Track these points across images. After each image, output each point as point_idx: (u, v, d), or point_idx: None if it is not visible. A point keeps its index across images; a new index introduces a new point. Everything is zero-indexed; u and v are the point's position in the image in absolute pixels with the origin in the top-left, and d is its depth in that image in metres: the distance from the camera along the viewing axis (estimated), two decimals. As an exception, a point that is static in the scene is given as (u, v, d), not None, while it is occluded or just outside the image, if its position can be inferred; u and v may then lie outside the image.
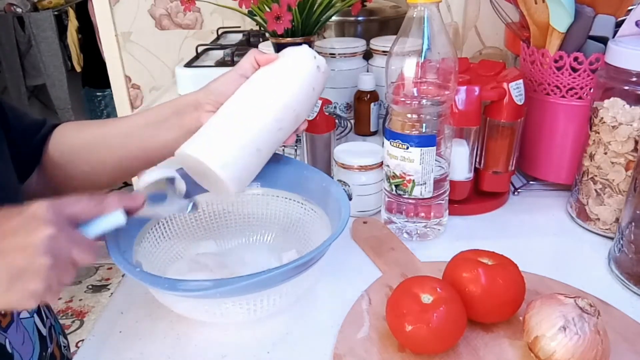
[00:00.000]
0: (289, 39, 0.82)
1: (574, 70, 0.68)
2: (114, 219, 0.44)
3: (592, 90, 0.68)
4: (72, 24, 2.62)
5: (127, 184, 2.46)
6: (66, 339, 0.70)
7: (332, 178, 0.70)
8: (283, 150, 0.89)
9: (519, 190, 0.79)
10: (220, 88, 0.57)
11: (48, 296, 0.39)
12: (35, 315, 0.60)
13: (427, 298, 0.47)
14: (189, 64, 1.15)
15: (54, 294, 0.40)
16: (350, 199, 0.70)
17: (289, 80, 0.55)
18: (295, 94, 0.54)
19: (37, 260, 0.37)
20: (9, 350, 0.54)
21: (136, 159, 0.61)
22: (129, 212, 0.46)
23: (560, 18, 0.65)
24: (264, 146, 0.53)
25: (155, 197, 0.50)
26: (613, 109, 0.61)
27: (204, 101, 0.57)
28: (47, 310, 0.65)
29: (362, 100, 0.94)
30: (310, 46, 0.86)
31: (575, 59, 0.67)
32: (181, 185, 0.52)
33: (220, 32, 1.44)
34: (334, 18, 1.02)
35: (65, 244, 0.39)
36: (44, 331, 0.62)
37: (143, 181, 0.49)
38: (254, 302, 0.49)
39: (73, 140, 0.64)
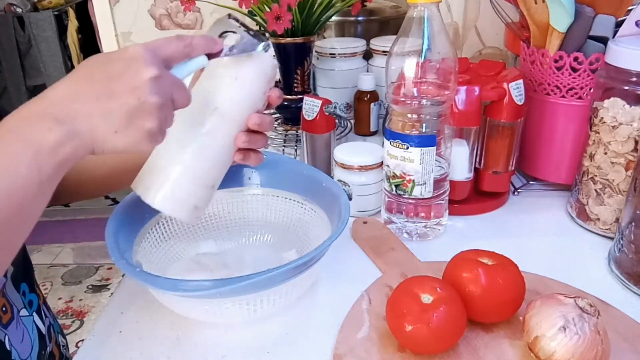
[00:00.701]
0: (289, 39, 0.82)
1: (574, 70, 0.68)
2: (199, 62, 0.45)
3: (592, 90, 0.68)
4: (72, 24, 2.62)
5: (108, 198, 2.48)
6: (65, 338, 0.70)
7: (332, 178, 0.70)
8: (283, 150, 0.89)
9: (519, 190, 0.79)
10: None
11: (160, 137, 0.41)
12: (34, 313, 0.61)
13: (427, 298, 0.47)
14: (189, 64, 1.15)
15: (163, 135, 0.42)
16: (350, 199, 0.70)
17: (207, 78, 0.51)
18: (211, 90, 0.50)
19: (148, 100, 0.39)
20: (8, 347, 0.54)
21: (126, 171, 0.60)
22: (209, 55, 0.46)
23: (560, 18, 0.65)
24: (198, 163, 0.49)
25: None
26: (613, 109, 0.61)
27: None
28: (46, 309, 0.65)
29: (362, 100, 0.94)
30: (310, 46, 0.86)
31: (575, 59, 0.67)
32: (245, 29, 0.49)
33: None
34: (334, 18, 1.02)
35: (167, 84, 0.41)
36: (43, 330, 0.62)
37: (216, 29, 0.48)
38: (254, 302, 0.49)
39: None
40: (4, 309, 0.54)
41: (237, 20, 0.48)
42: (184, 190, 0.48)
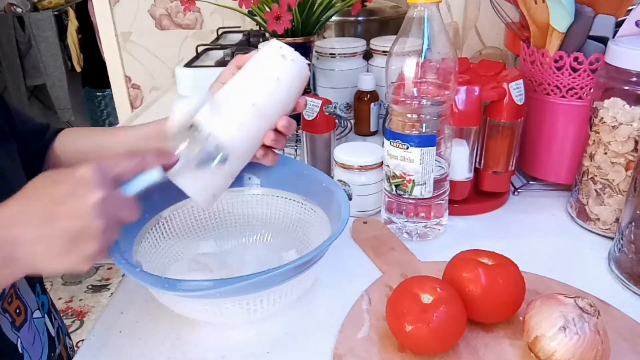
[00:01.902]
0: (289, 39, 0.82)
1: (574, 70, 0.68)
2: (152, 176, 0.45)
3: (592, 90, 0.68)
4: (72, 24, 2.62)
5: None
6: (71, 340, 0.71)
7: (332, 178, 0.70)
8: (283, 150, 0.89)
9: (519, 190, 0.79)
10: None
11: (99, 256, 0.41)
12: (45, 315, 0.61)
13: (427, 298, 0.47)
14: (189, 64, 1.15)
15: (104, 254, 0.42)
16: (350, 199, 0.70)
17: (249, 74, 0.53)
18: (253, 85, 0.52)
19: (92, 224, 0.39)
20: (20, 350, 0.54)
21: None
22: (164, 168, 0.46)
23: (560, 18, 0.65)
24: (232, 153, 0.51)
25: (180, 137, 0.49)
26: (613, 109, 0.61)
27: None
28: (55, 312, 0.66)
29: (362, 100, 0.94)
30: (310, 46, 0.86)
31: (575, 59, 0.67)
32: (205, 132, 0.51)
33: (220, 32, 1.44)
34: (334, 18, 1.02)
35: (114, 206, 0.41)
36: (53, 332, 0.62)
37: (178, 116, 0.49)
38: (254, 302, 0.49)
39: (78, 146, 0.65)
40: (17, 310, 0.55)
41: (199, 131, 0.50)
42: (208, 177, 0.50)
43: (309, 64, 0.54)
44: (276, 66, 0.52)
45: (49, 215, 0.39)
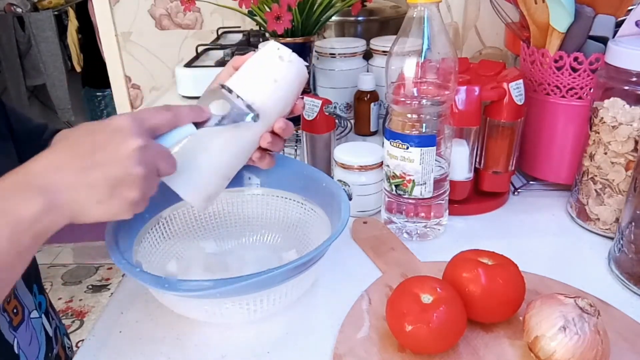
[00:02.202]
0: (289, 39, 0.82)
1: (574, 70, 0.68)
2: (186, 130, 0.45)
3: (592, 90, 0.68)
4: (72, 24, 2.63)
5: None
6: (69, 340, 0.71)
7: (332, 178, 0.70)
8: (283, 150, 0.89)
9: (519, 190, 0.79)
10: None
11: (142, 206, 0.42)
12: (43, 315, 0.61)
13: (427, 298, 0.47)
14: (189, 64, 1.15)
15: (146, 204, 0.42)
16: (350, 199, 0.70)
17: (246, 75, 0.53)
18: (250, 87, 0.51)
19: (133, 171, 0.39)
20: (16, 350, 0.54)
21: None
22: (197, 124, 0.46)
23: (560, 18, 0.65)
24: (225, 154, 0.51)
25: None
26: (613, 109, 0.61)
27: None
28: (53, 312, 0.66)
29: (362, 100, 0.94)
30: (310, 46, 0.86)
31: (575, 59, 0.67)
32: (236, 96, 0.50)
33: (220, 32, 1.44)
34: (334, 18, 1.02)
35: (152, 154, 0.41)
36: (50, 332, 0.62)
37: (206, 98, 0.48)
38: (254, 302, 0.49)
39: None
40: (14, 310, 0.54)
41: (230, 91, 0.50)
42: (203, 179, 0.50)
43: (307, 66, 0.53)
44: (274, 67, 0.52)
45: (89, 161, 0.39)
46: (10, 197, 0.37)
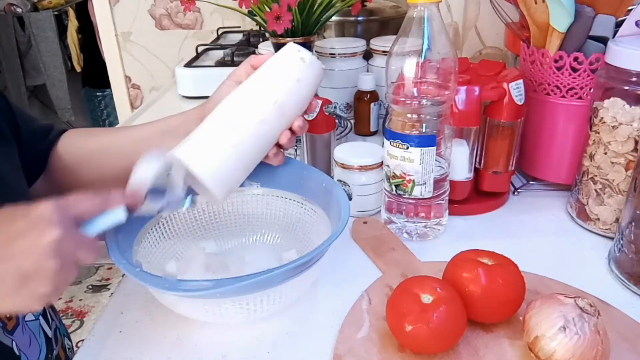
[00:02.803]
0: (289, 39, 0.82)
1: (574, 70, 0.68)
2: (115, 216, 0.44)
3: (592, 90, 0.68)
4: (72, 24, 2.63)
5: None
6: (70, 341, 0.71)
7: (332, 178, 0.70)
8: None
9: (519, 190, 0.79)
10: (217, 97, 0.58)
11: (54, 298, 0.39)
12: (40, 317, 0.61)
13: (427, 298, 0.47)
14: (189, 64, 1.15)
15: (59, 295, 0.40)
16: (350, 199, 0.70)
17: (269, 74, 0.55)
18: (274, 85, 0.54)
19: (46, 264, 0.37)
20: (17, 352, 0.54)
21: None
22: (129, 209, 0.46)
23: (560, 18, 0.65)
24: (249, 147, 0.53)
25: (153, 191, 0.49)
26: (613, 109, 0.61)
27: (208, 111, 0.57)
28: (52, 312, 0.66)
29: (362, 100, 0.94)
30: (310, 46, 0.86)
31: (575, 59, 0.67)
32: (178, 178, 0.51)
33: (220, 32, 1.44)
34: (334, 18, 1.02)
35: (71, 245, 0.39)
36: (50, 333, 0.62)
37: (140, 176, 0.48)
38: (254, 302, 0.49)
39: (83, 146, 0.65)
40: (7, 315, 0.54)
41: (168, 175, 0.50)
42: (229, 171, 0.52)
43: (323, 68, 0.56)
44: (296, 68, 0.54)
45: (2, 252, 0.37)
46: None
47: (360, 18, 1.09)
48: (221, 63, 1.15)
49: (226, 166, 0.51)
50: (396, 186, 0.65)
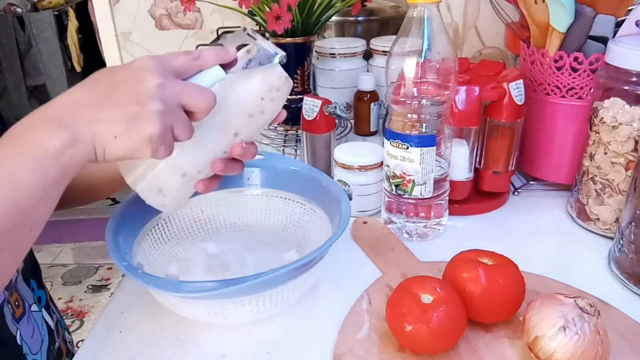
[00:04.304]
0: (289, 39, 0.82)
1: (574, 70, 0.68)
2: (214, 73, 0.44)
3: (592, 90, 0.68)
4: (72, 24, 2.62)
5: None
6: (70, 335, 0.71)
7: (332, 178, 0.70)
8: (283, 150, 0.89)
9: (519, 190, 0.79)
10: None
11: (162, 145, 0.40)
12: (43, 309, 0.61)
13: (427, 298, 0.47)
14: (189, 64, 1.15)
15: (168, 145, 0.41)
16: (350, 199, 0.70)
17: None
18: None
19: (149, 106, 0.39)
20: (19, 342, 0.54)
21: None
22: (225, 67, 0.45)
23: (560, 18, 0.65)
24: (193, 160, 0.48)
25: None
26: (613, 109, 0.61)
27: None
28: (53, 306, 0.66)
29: (362, 100, 0.94)
30: (310, 46, 0.86)
31: (575, 59, 0.67)
32: (262, 41, 0.48)
33: (220, 32, 1.44)
34: (334, 18, 1.02)
35: (173, 90, 0.40)
36: (52, 325, 0.62)
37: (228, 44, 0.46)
38: (255, 302, 0.49)
39: None
40: (16, 303, 0.55)
41: (255, 33, 0.48)
42: (174, 186, 0.47)
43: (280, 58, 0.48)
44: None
45: (107, 97, 0.39)
46: (34, 131, 0.38)
47: (360, 18, 1.09)
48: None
49: (168, 184, 0.47)
50: (396, 186, 0.65)
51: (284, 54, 0.47)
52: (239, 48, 0.46)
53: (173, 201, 0.49)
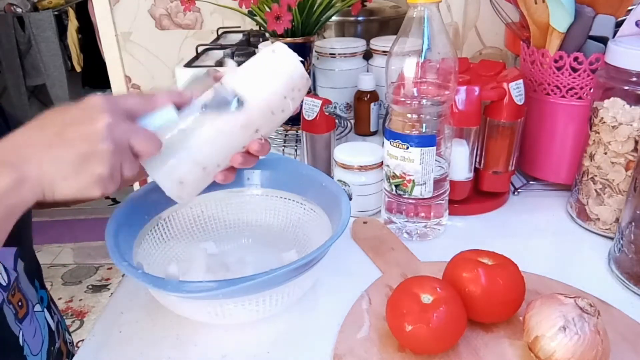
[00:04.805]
0: (289, 39, 0.82)
1: (574, 70, 0.68)
2: (167, 114, 0.44)
3: (592, 90, 0.68)
4: (72, 24, 2.63)
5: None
6: (70, 335, 0.71)
7: (332, 178, 0.70)
8: (283, 150, 0.89)
9: (519, 190, 0.79)
10: None
11: (111, 184, 0.41)
12: (45, 309, 0.61)
13: (427, 298, 0.47)
14: (189, 64, 1.15)
15: (116, 183, 0.41)
16: (350, 199, 0.70)
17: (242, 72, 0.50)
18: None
19: (100, 146, 0.39)
20: (21, 342, 0.55)
21: None
22: (178, 107, 0.45)
23: (560, 18, 0.65)
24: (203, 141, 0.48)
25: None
26: (613, 109, 0.61)
27: None
28: (54, 307, 0.66)
29: (362, 100, 0.94)
30: (310, 46, 0.86)
31: (575, 59, 0.67)
32: (223, 77, 0.49)
33: (220, 32, 1.44)
34: (334, 18, 1.02)
35: (124, 131, 0.41)
36: (53, 326, 0.63)
37: (184, 78, 0.47)
38: (256, 302, 0.49)
39: None
40: (19, 303, 0.55)
41: (217, 71, 0.49)
42: (176, 160, 0.47)
43: (302, 61, 0.49)
44: (265, 60, 0.49)
45: (58, 137, 0.39)
46: None
47: (360, 18, 1.09)
48: (221, 63, 1.15)
49: (173, 158, 0.47)
50: (396, 186, 0.65)
51: (241, 99, 0.47)
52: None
53: (191, 192, 0.50)
